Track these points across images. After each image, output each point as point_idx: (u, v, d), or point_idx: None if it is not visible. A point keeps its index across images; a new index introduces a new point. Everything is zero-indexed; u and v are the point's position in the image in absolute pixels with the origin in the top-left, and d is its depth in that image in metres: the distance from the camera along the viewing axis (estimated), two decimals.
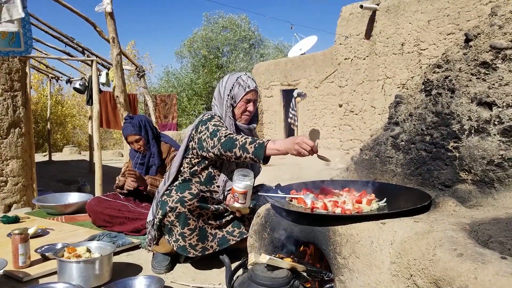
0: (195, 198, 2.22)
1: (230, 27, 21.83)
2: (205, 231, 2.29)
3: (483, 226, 1.38)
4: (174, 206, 2.20)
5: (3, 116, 4.13)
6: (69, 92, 19.72)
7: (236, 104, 2.36)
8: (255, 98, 2.38)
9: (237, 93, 2.35)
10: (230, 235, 2.36)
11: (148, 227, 2.42)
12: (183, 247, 2.23)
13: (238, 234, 2.37)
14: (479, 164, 1.71)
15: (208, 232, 2.30)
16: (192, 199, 2.21)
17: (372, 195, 1.84)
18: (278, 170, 7.89)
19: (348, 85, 8.48)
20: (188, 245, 2.23)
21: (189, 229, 2.22)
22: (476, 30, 1.82)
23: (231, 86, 2.36)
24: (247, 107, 2.37)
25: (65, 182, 6.87)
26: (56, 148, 15.28)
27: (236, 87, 2.35)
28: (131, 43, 22.45)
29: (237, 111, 2.37)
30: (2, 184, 4.15)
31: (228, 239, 2.35)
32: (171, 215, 2.22)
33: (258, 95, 2.40)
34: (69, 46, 6.00)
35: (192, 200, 2.21)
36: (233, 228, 2.38)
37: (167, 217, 2.23)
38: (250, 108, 2.37)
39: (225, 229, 2.37)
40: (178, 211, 2.20)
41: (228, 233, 2.37)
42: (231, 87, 2.36)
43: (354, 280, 1.47)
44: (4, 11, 2.95)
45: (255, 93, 2.37)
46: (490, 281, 1.02)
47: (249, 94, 2.35)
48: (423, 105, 1.99)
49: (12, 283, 2.12)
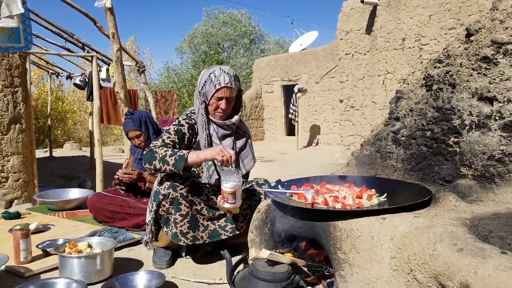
0: (186, 182, 2.22)
1: (231, 22, 21.76)
2: (197, 220, 2.28)
3: (483, 221, 1.38)
4: (166, 193, 2.19)
5: (4, 112, 4.13)
6: (69, 88, 19.69)
7: (208, 101, 2.31)
8: (228, 95, 2.28)
9: (208, 90, 2.29)
10: (223, 229, 2.35)
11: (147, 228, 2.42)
12: (175, 234, 2.22)
13: (231, 229, 2.35)
14: (480, 159, 1.71)
15: (199, 222, 2.29)
16: (183, 183, 2.21)
17: (372, 190, 1.84)
18: (279, 166, 7.90)
19: (349, 80, 8.47)
20: (179, 232, 2.22)
21: (181, 215, 2.21)
22: (477, 25, 1.81)
23: (203, 82, 2.31)
24: (218, 105, 2.30)
25: (66, 178, 6.88)
26: (57, 144, 15.29)
27: (208, 84, 2.28)
28: (131, 38, 22.40)
29: (210, 108, 2.32)
30: (3, 180, 4.15)
31: (219, 233, 2.33)
32: (165, 203, 2.22)
33: (234, 91, 2.29)
34: (69, 42, 5.98)
35: (183, 184, 2.21)
36: (226, 223, 2.36)
37: (162, 206, 2.23)
38: (222, 106, 2.29)
39: (218, 222, 2.35)
40: (171, 197, 2.20)
41: (221, 227, 2.35)
42: (203, 83, 2.31)
43: (355, 275, 1.47)
44: (3, 7, 2.94)
45: (227, 90, 2.27)
46: (490, 276, 1.02)
47: (220, 92, 2.27)
48: (424, 100, 1.99)
49: (14, 279, 2.13)
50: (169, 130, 2.32)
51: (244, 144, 2.49)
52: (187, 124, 2.35)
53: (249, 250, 1.80)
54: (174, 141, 2.27)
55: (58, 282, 1.91)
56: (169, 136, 2.28)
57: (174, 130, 2.31)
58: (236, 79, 2.35)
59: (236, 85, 2.34)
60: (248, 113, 12.77)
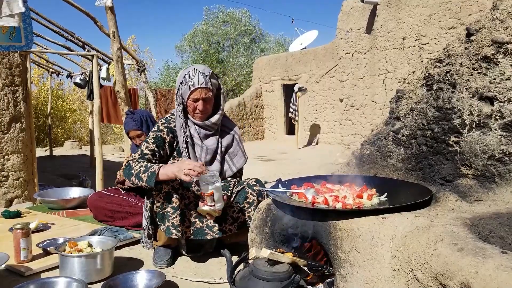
0: None
1: (231, 21, 21.75)
2: (184, 215, 2.28)
3: (484, 220, 1.39)
4: (159, 188, 2.20)
5: (4, 111, 4.13)
6: (69, 86, 19.69)
7: (186, 103, 2.30)
8: (204, 95, 2.24)
9: (184, 92, 2.27)
10: (210, 229, 2.34)
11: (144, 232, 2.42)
12: (168, 228, 2.23)
13: (218, 231, 2.33)
14: (480, 158, 1.71)
15: (186, 217, 2.29)
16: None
17: (373, 189, 1.84)
18: (279, 165, 7.90)
19: (349, 79, 8.46)
20: (171, 225, 2.22)
21: (172, 207, 2.22)
22: (478, 25, 1.81)
23: (179, 84, 2.29)
24: (196, 106, 2.27)
25: (66, 177, 6.88)
26: (57, 143, 15.29)
27: (183, 86, 2.26)
28: (131, 37, 22.39)
29: (188, 109, 2.31)
30: (3, 179, 4.15)
31: (205, 233, 2.33)
32: (159, 198, 2.23)
33: (210, 90, 2.25)
34: (70, 40, 5.99)
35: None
36: (214, 224, 2.35)
37: (156, 202, 2.24)
38: (199, 107, 2.27)
39: (206, 221, 2.33)
40: (164, 190, 2.20)
41: (208, 227, 2.34)
42: (179, 85, 2.29)
43: (355, 275, 1.47)
44: (4, 6, 2.94)
45: (202, 91, 2.23)
46: (491, 275, 1.02)
47: (195, 93, 2.23)
48: (424, 99, 1.99)
49: (14, 277, 2.13)
50: (148, 138, 2.33)
51: (231, 142, 2.47)
52: (166, 129, 2.35)
53: (250, 249, 1.81)
54: (153, 150, 2.29)
55: (58, 281, 1.91)
56: (147, 145, 2.29)
57: (153, 137, 2.32)
58: (213, 77, 2.31)
59: (214, 84, 2.30)
60: (248, 112, 12.77)
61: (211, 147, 2.38)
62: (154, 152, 2.29)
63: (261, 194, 2.40)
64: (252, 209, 2.37)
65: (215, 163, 2.41)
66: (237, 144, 2.48)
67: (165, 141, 2.34)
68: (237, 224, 2.36)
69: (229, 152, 2.46)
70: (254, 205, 2.37)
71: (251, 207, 2.37)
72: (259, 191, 2.41)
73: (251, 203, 2.38)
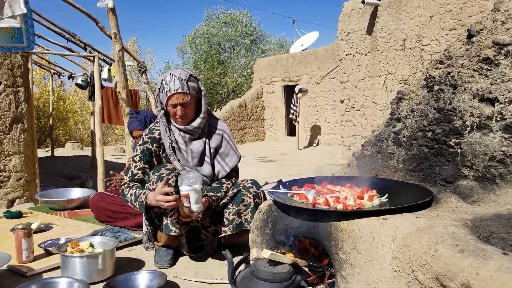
0: (172, 172, 2.23)
1: (232, 22, 21.76)
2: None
3: (484, 222, 1.39)
4: (155, 187, 2.19)
5: (6, 112, 4.14)
6: (71, 87, 19.72)
7: (165, 109, 2.29)
8: (182, 100, 2.21)
9: (162, 98, 2.26)
10: (205, 229, 2.34)
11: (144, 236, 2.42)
12: (166, 225, 2.24)
13: (213, 231, 2.34)
14: (481, 160, 1.72)
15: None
16: (170, 174, 2.22)
17: (373, 191, 1.84)
18: (279, 166, 7.90)
19: (349, 81, 8.46)
20: (169, 222, 2.24)
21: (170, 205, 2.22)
22: (479, 26, 1.81)
23: (157, 90, 2.28)
24: (175, 112, 2.25)
25: (68, 178, 6.88)
26: (58, 144, 15.30)
27: (161, 92, 2.25)
28: (132, 38, 22.42)
29: (170, 114, 2.31)
30: (5, 180, 4.16)
31: (200, 232, 2.34)
32: None
33: (187, 95, 2.21)
34: (71, 42, 5.99)
35: (170, 175, 2.21)
36: (209, 224, 2.35)
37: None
38: (179, 113, 2.24)
39: (201, 221, 2.34)
40: None
41: (203, 227, 2.35)
42: (158, 91, 2.28)
43: (356, 276, 1.48)
44: (6, 7, 2.95)
45: (179, 96, 2.20)
46: (492, 277, 1.03)
47: (172, 99, 2.21)
48: (425, 101, 1.99)
49: (16, 278, 2.14)
50: (135, 155, 2.37)
51: (220, 142, 2.45)
52: (150, 140, 2.37)
53: (251, 250, 1.81)
54: (141, 167, 2.33)
55: (60, 282, 1.91)
56: (135, 164, 2.34)
57: (140, 152, 2.36)
58: (192, 80, 2.27)
59: (193, 87, 2.26)
60: (249, 113, 12.77)
61: (197, 150, 2.36)
62: (143, 169, 2.34)
63: (258, 196, 2.39)
64: (248, 211, 2.36)
65: (205, 165, 2.40)
66: (227, 143, 2.46)
67: (152, 152, 2.37)
68: (232, 226, 2.34)
69: (220, 152, 2.44)
70: (250, 208, 2.35)
71: (247, 210, 2.36)
72: (255, 193, 2.39)
73: (248, 205, 2.36)
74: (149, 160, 2.36)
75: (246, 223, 2.35)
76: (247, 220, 2.35)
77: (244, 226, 2.35)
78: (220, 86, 19.69)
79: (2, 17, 2.97)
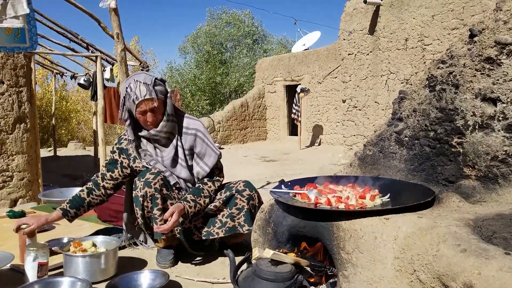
0: (157, 176, 2.22)
1: (234, 22, 21.78)
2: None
3: (487, 221, 1.39)
4: (144, 193, 2.20)
5: (9, 111, 4.15)
6: (73, 87, 19.79)
7: (135, 116, 2.25)
8: (151, 106, 2.16)
9: (130, 106, 2.21)
10: (197, 230, 2.35)
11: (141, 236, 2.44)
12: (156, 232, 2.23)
13: (205, 233, 2.34)
14: (483, 160, 1.71)
15: None
16: (155, 178, 2.21)
17: (375, 190, 1.84)
18: (281, 166, 7.90)
19: (351, 80, 8.45)
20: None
21: (158, 209, 2.21)
22: (481, 26, 1.81)
23: (122, 98, 2.23)
24: (145, 119, 2.21)
25: (70, 177, 6.90)
26: (61, 144, 15.34)
27: (127, 100, 2.20)
28: (134, 38, 22.48)
29: (140, 121, 2.26)
30: (8, 179, 4.18)
31: (193, 233, 2.34)
32: (146, 204, 2.22)
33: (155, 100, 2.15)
34: (74, 42, 6.01)
35: (155, 179, 2.21)
36: (202, 225, 2.35)
37: (145, 208, 2.24)
38: (149, 119, 2.20)
39: (193, 222, 2.34)
40: (149, 194, 2.20)
41: (196, 228, 2.35)
42: (123, 99, 2.22)
43: (358, 275, 1.48)
44: (9, 7, 2.96)
45: (148, 102, 2.15)
46: (494, 276, 1.03)
47: (141, 106, 2.17)
48: (427, 100, 1.99)
49: (19, 277, 2.14)
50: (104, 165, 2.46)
51: (193, 142, 2.37)
52: (118, 150, 2.41)
53: (253, 249, 1.81)
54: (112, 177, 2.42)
55: (63, 281, 1.92)
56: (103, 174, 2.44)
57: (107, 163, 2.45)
58: (158, 84, 2.23)
59: (160, 91, 2.22)
60: (251, 113, 12.78)
61: (167, 156, 2.33)
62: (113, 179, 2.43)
63: (252, 198, 2.39)
64: (242, 215, 2.36)
65: (179, 168, 2.36)
66: (202, 142, 2.38)
67: (117, 162, 2.40)
68: (225, 229, 2.35)
69: (196, 153, 2.38)
70: (244, 211, 2.35)
71: (240, 213, 2.36)
72: (249, 196, 2.38)
73: (241, 209, 2.36)
74: (111, 170, 2.42)
75: (239, 227, 2.35)
76: (240, 224, 2.35)
77: (237, 230, 2.35)
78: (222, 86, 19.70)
79: (5, 17, 2.98)
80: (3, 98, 4.13)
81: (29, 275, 1.96)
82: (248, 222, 2.34)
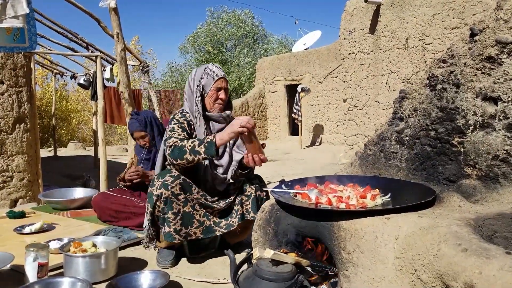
0: (176, 180, 2.23)
1: (234, 22, 21.76)
2: (192, 216, 2.28)
3: (487, 221, 1.38)
4: (159, 193, 2.21)
5: (9, 111, 4.15)
6: (73, 87, 19.80)
7: (207, 93, 2.39)
8: (225, 86, 2.43)
9: (207, 82, 2.39)
10: (217, 226, 2.36)
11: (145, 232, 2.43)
12: (169, 233, 2.24)
13: (225, 226, 2.37)
14: (484, 159, 1.71)
15: (195, 219, 2.30)
16: (174, 181, 2.22)
17: (376, 190, 1.84)
18: (282, 165, 7.90)
19: (352, 80, 8.45)
20: (173, 230, 2.23)
21: (173, 213, 2.23)
22: (482, 25, 1.80)
23: (200, 76, 2.40)
24: (218, 95, 2.41)
25: (70, 177, 6.90)
26: (61, 144, 15.35)
27: (205, 77, 2.40)
28: (134, 38, 22.48)
29: (208, 100, 2.40)
30: (8, 179, 4.18)
31: (214, 229, 2.35)
32: (159, 203, 2.24)
33: (227, 83, 2.45)
34: (74, 41, 6.01)
35: (174, 182, 2.22)
36: (220, 220, 2.38)
37: (157, 207, 2.25)
38: (222, 96, 2.41)
39: (212, 219, 2.36)
40: (164, 196, 2.21)
41: (215, 223, 2.37)
42: (200, 77, 2.40)
43: (359, 275, 1.47)
44: (8, 7, 2.96)
45: (224, 81, 2.42)
46: (495, 276, 1.02)
47: (218, 82, 2.40)
48: (428, 100, 1.98)
49: (19, 277, 2.14)
50: (174, 129, 2.32)
51: None
52: (185, 121, 2.39)
53: (253, 249, 1.81)
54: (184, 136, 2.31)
55: (63, 281, 1.92)
56: (179, 133, 2.30)
57: (180, 127, 2.33)
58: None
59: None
60: (252, 112, 12.78)
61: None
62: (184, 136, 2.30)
63: (260, 189, 2.45)
64: (250, 202, 2.41)
65: (225, 155, 2.46)
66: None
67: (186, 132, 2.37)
68: (237, 217, 2.38)
69: (236, 144, 2.51)
70: (251, 198, 2.41)
71: (249, 200, 2.41)
72: (258, 185, 2.46)
73: (249, 196, 2.42)
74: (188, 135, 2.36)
75: (247, 213, 2.39)
76: (248, 210, 2.40)
77: (245, 217, 2.38)
78: None
79: (5, 17, 2.98)
80: (3, 98, 4.12)
81: (29, 276, 1.96)
82: (254, 209, 2.39)
